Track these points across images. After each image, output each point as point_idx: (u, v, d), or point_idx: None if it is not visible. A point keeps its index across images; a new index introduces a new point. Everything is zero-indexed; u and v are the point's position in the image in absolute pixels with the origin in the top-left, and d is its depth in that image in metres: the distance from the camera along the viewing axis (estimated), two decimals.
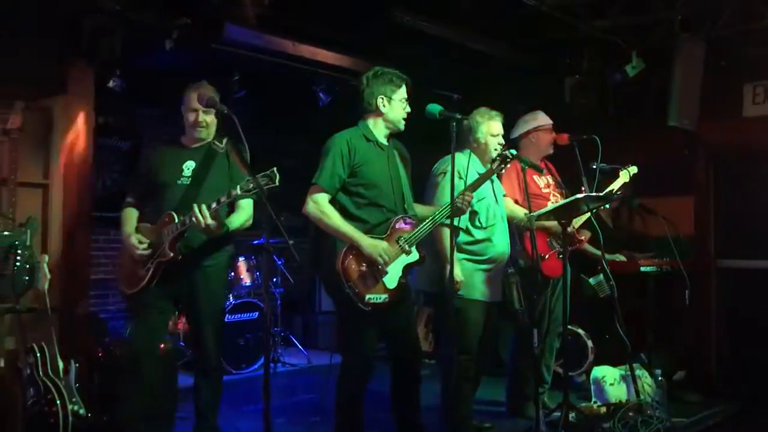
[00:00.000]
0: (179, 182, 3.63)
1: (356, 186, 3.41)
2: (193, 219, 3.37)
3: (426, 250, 3.63)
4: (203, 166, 3.64)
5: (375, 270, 3.31)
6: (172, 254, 3.49)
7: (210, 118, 3.67)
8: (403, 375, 3.58)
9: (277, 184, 3.14)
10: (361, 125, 3.55)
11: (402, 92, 3.52)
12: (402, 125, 3.55)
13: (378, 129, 3.55)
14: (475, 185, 3.67)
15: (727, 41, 5.22)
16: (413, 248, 3.43)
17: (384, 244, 3.33)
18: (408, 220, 3.48)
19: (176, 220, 3.49)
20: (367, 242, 3.30)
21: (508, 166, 3.84)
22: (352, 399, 3.47)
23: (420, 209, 3.70)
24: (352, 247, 3.31)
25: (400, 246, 3.40)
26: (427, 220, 3.48)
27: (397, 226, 3.42)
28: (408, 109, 3.55)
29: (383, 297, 3.33)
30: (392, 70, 3.56)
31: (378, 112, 3.52)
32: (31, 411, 3.70)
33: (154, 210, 3.67)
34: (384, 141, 3.56)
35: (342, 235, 3.33)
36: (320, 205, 3.37)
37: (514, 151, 3.78)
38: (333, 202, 3.43)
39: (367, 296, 3.29)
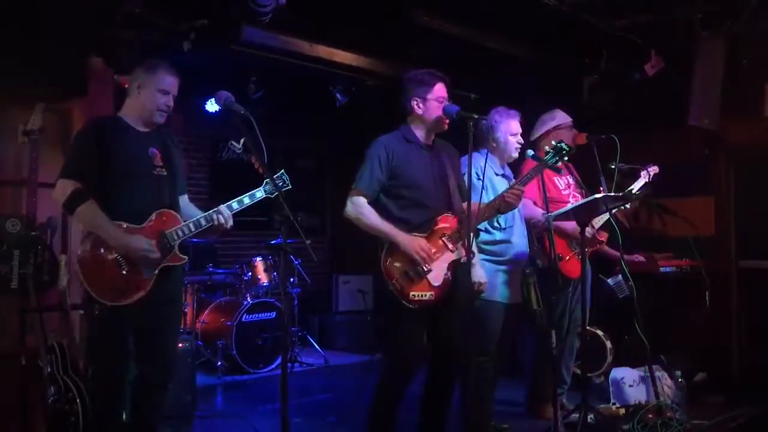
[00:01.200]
0: (155, 172, 3.25)
1: (397, 188, 3.40)
2: (221, 220, 3.28)
3: None
4: (169, 154, 3.33)
5: (418, 267, 3.29)
6: (185, 258, 3.25)
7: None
8: (440, 378, 3.54)
9: (289, 186, 3.24)
10: (403, 128, 3.55)
11: (437, 90, 3.48)
12: (443, 124, 3.49)
13: (420, 131, 3.52)
14: (526, 179, 3.68)
15: (748, 40, 5.16)
16: (458, 245, 3.40)
17: (422, 240, 3.31)
18: (452, 218, 3.45)
19: (185, 221, 3.23)
20: (404, 239, 3.29)
21: (565, 159, 3.79)
22: (389, 401, 3.39)
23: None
24: (393, 245, 3.30)
25: (444, 243, 3.38)
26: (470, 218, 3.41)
27: (440, 224, 3.41)
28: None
29: (428, 294, 3.31)
30: (426, 70, 3.53)
31: (415, 115, 3.50)
32: (52, 409, 3.73)
33: (123, 204, 3.14)
34: (427, 142, 3.54)
35: (380, 233, 3.33)
36: (358, 206, 3.37)
37: (565, 145, 3.74)
38: (377, 205, 3.42)
39: (412, 293, 3.28)
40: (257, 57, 5.00)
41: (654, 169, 4.74)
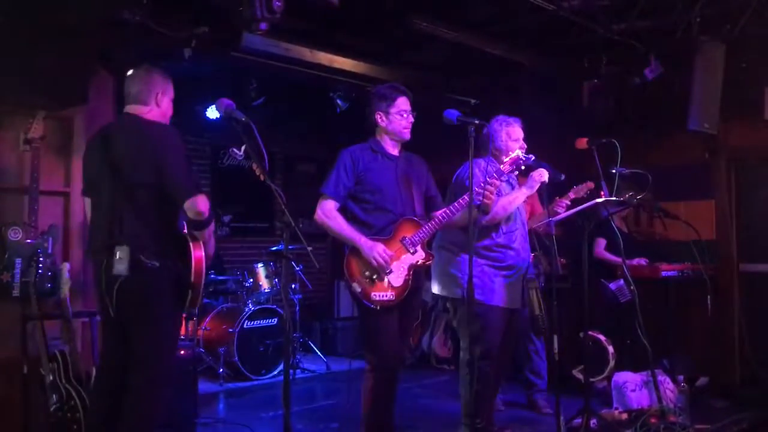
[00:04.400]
0: None
1: (362, 192, 3.61)
2: None
3: (443, 254, 3.67)
4: None
5: (378, 269, 3.46)
6: None
7: None
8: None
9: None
10: (371, 140, 3.74)
11: (399, 104, 3.66)
12: (405, 135, 3.69)
13: (385, 142, 3.72)
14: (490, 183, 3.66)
15: (748, 43, 5.17)
16: (417, 248, 3.58)
17: (381, 245, 3.48)
18: (414, 222, 3.61)
19: None
20: (364, 244, 3.47)
21: (521, 168, 3.78)
22: (379, 402, 3.49)
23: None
24: (355, 248, 3.50)
25: (404, 246, 3.54)
26: (432, 221, 3.59)
27: (401, 227, 3.58)
28: (410, 119, 3.68)
29: (389, 294, 3.49)
30: (389, 85, 3.76)
31: (380, 127, 3.70)
32: (54, 417, 3.73)
33: None
34: (393, 152, 3.72)
35: (344, 237, 3.54)
36: (325, 210, 3.58)
37: (525, 156, 3.73)
38: (344, 210, 3.63)
39: (373, 294, 3.47)
40: (258, 64, 5.01)
41: (588, 186, 4.59)
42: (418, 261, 3.59)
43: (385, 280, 3.49)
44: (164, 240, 3.16)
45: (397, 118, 3.65)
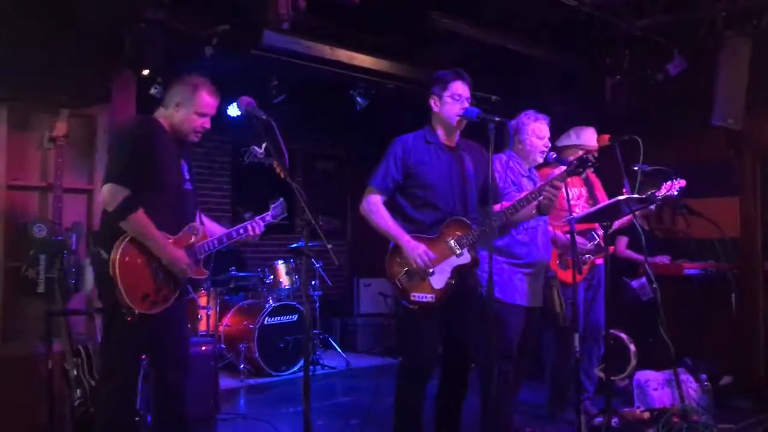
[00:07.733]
0: (184, 186, 3.28)
1: (412, 187, 3.44)
2: (249, 233, 3.34)
3: None
4: (191, 167, 3.38)
5: (420, 269, 3.30)
6: (207, 272, 3.36)
7: None
8: (451, 384, 3.58)
9: (286, 214, 3.49)
10: (426, 128, 3.56)
11: (453, 88, 3.46)
12: (454, 121, 3.45)
13: (440, 130, 3.53)
14: (557, 181, 3.53)
15: None
16: (464, 250, 3.38)
17: (423, 246, 3.31)
18: (463, 222, 3.42)
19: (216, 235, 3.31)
20: (406, 243, 3.31)
21: (588, 170, 3.69)
22: (409, 400, 3.43)
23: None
24: (397, 245, 3.35)
25: (450, 247, 3.37)
26: (484, 224, 3.39)
27: (449, 227, 3.39)
28: (466, 106, 3.46)
29: (429, 297, 3.32)
30: (450, 69, 3.54)
31: (434, 113, 3.53)
32: (78, 412, 3.79)
33: (158, 214, 3.10)
34: (448, 142, 3.53)
35: (386, 233, 3.38)
36: (370, 203, 3.43)
37: (592, 157, 3.58)
38: (394, 204, 3.47)
39: (412, 294, 3.31)
40: (278, 61, 5.03)
41: (680, 183, 4.54)
42: (463, 264, 3.38)
43: (426, 281, 3.32)
44: (115, 233, 3.02)
45: (449, 102, 3.44)
